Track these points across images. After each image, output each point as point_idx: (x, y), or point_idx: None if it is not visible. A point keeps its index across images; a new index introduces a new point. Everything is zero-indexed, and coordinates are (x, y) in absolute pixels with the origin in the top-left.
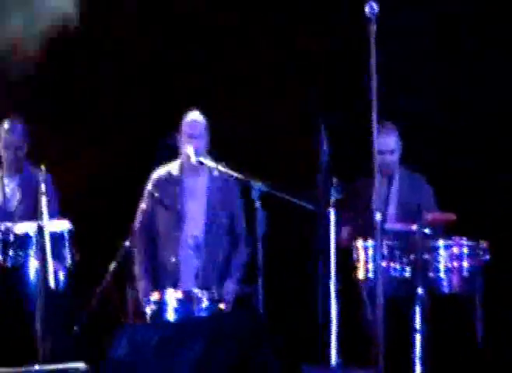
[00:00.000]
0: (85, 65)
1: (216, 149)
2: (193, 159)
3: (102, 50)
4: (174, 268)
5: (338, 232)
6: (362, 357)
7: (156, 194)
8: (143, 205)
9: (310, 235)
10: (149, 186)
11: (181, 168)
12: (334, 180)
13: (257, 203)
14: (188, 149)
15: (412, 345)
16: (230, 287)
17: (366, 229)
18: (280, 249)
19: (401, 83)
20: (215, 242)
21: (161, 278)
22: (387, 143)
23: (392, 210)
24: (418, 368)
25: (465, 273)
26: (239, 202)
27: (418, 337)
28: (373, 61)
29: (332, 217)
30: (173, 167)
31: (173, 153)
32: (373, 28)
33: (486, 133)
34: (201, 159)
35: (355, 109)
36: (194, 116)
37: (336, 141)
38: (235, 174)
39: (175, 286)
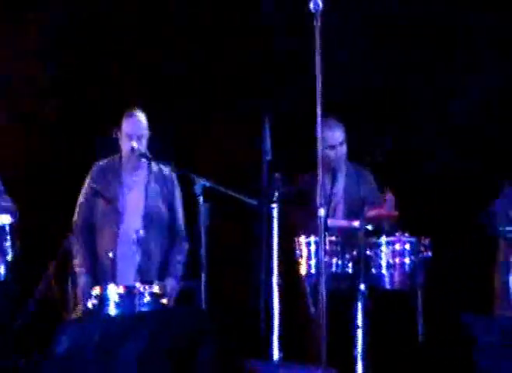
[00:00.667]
0: None
1: (158, 145)
2: (135, 153)
3: None
4: (113, 263)
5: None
6: (305, 353)
7: (95, 186)
8: (82, 198)
9: (253, 231)
10: (89, 179)
11: (121, 161)
12: (277, 175)
13: (200, 199)
14: (131, 143)
15: (354, 341)
16: (170, 285)
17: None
18: (223, 244)
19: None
20: (155, 236)
21: (101, 273)
22: (335, 137)
23: (337, 205)
24: (359, 364)
25: (407, 270)
26: (178, 196)
27: (359, 333)
28: (318, 58)
29: (275, 213)
30: (112, 160)
31: (113, 148)
32: (318, 24)
33: (425, 128)
34: (142, 152)
35: (300, 104)
36: (135, 113)
37: (280, 137)
38: (177, 169)
39: (115, 281)
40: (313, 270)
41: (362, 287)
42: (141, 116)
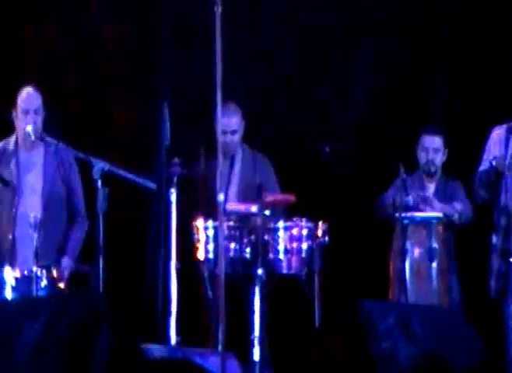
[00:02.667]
0: None
1: (57, 126)
2: (32, 137)
3: None
4: (10, 246)
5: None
6: (202, 337)
7: None
8: None
9: (151, 214)
10: None
11: (16, 142)
12: (176, 160)
13: (99, 182)
14: (27, 127)
15: (251, 325)
16: (66, 262)
17: (208, 209)
18: (121, 228)
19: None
20: (54, 219)
21: None
22: (229, 123)
23: (234, 190)
24: (256, 348)
25: (304, 255)
26: (76, 176)
27: (257, 318)
28: (218, 43)
29: (173, 197)
30: (8, 142)
31: (8, 129)
32: (219, 10)
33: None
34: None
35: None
36: (30, 92)
37: (179, 121)
38: (74, 151)
39: (12, 264)
40: (210, 255)
41: (259, 271)
42: (36, 92)
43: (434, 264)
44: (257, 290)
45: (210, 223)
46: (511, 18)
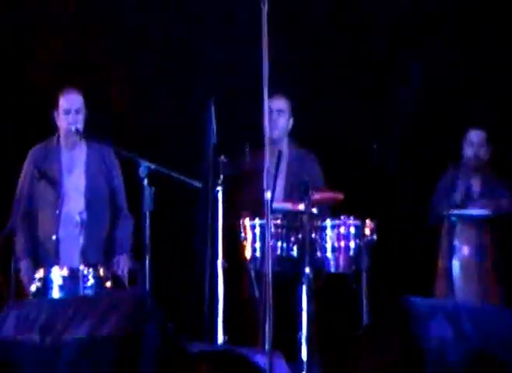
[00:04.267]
0: None
1: (102, 126)
2: (76, 137)
3: None
4: (55, 246)
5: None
6: (249, 336)
7: (34, 170)
8: (21, 183)
9: (198, 213)
10: (27, 163)
11: (58, 142)
12: (222, 158)
13: (145, 181)
14: (70, 127)
15: (299, 324)
16: (122, 261)
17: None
18: (168, 227)
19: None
20: (98, 217)
21: (43, 256)
22: (277, 103)
23: (280, 188)
24: (304, 347)
25: (352, 253)
26: (119, 174)
27: (304, 317)
28: (265, 42)
29: (220, 195)
30: (50, 142)
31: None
32: (265, 9)
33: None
34: (79, 130)
35: (245, 86)
36: (71, 91)
37: (226, 119)
38: (121, 150)
39: (58, 264)
40: (257, 254)
41: (307, 270)
42: (78, 92)
43: (483, 262)
44: (304, 288)
45: (257, 221)
46: None
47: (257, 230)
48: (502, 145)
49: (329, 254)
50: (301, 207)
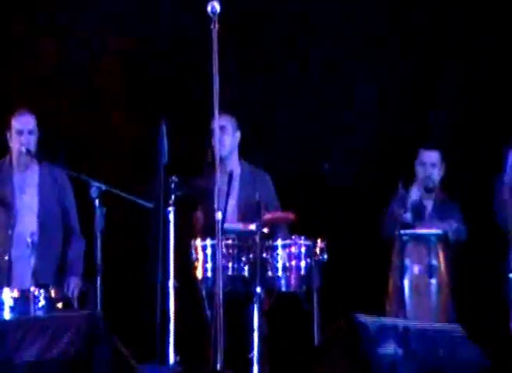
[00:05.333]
0: None
1: (54, 147)
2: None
3: None
4: (7, 266)
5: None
6: (201, 356)
7: None
8: None
9: (149, 233)
10: None
11: (11, 162)
12: (174, 178)
13: (96, 202)
14: (21, 148)
15: (250, 343)
16: (73, 283)
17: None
18: (120, 248)
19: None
20: (50, 238)
21: None
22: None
23: (232, 208)
24: (255, 366)
25: (303, 272)
26: (70, 195)
27: (255, 336)
28: (215, 60)
29: (171, 216)
30: (1, 163)
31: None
32: (216, 28)
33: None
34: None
35: (195, 108)
36: (24, 112)
37: (176, 139)
38: (72, 171)
39: (10, 284)
40: (209, 274)
41: (258, 290)
42: (30, 114)
43: (433, 281)
44: (255, 308)
45: (208, 241)
46: None
47: (209, 250)
48: (454, 166)
49: (280, 273)
50: (252, 227)
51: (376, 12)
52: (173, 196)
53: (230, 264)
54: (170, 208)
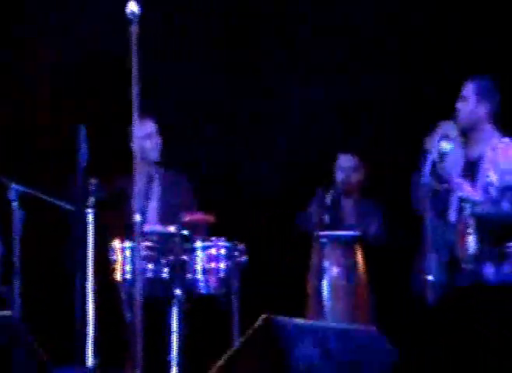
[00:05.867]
0: None
1: None
2: None
3: None
4: None
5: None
6: (120, 359)
7: None
8: None
9: (70, 236)
10: None
11: None
12: (93, 181)
13: (15, 204)
14: None
15: (169, 346)
16: None
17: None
18: (39, 250)
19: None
20: None
21: None
22: (144, 128)
23: (152, 210)
24: (174, 369)
25: (222, 275)
26: None
27: (175, 338)
28: (134, 62)
29: (91, 218)
30: None
31: None
32: (135, 29)
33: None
34: None
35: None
36: None
37: (96, 142)
38: None
39: None
40: (128, 276)
41: (177, 292)
42: None
43: (352, 282)
44: (175, 310)
45: (127, 244)
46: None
47: (128, 252)
48: (372, 168)
49: (200, 276)
50: (172, 229)
51: None
52: (92, 198)
53: (150, 266)
54: (90, 210)
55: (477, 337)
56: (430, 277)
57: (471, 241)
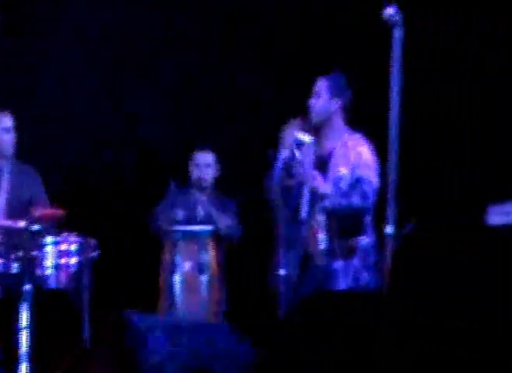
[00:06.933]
0: None
1: None
2: None
3: None
4: None
5: None
6: None
7: None
8: None
9: None
10: None
11: None
12: None
13: None
14: None
15: (18, 342)
16: None
17: None
18: None
19: None
20: None
21: None
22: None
23: (1, 205)
24: (24, 364)
25: (73, 270)
26: None
27: (24, 334)
28: None
29: None
30: None
31: None
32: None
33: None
34: None
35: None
36: None
37: None
38: None
39: None
40: None
41: (27, 287)
42: None
43: (204, 277)
44: (24, 306)
45: None
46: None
47: None
48: (228, 165)
49: (50, 271)
50: (22, 224)
51: None
52: None
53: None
54: None
55: (329, 340)
56: (282, 272)
57: (322, 236)
